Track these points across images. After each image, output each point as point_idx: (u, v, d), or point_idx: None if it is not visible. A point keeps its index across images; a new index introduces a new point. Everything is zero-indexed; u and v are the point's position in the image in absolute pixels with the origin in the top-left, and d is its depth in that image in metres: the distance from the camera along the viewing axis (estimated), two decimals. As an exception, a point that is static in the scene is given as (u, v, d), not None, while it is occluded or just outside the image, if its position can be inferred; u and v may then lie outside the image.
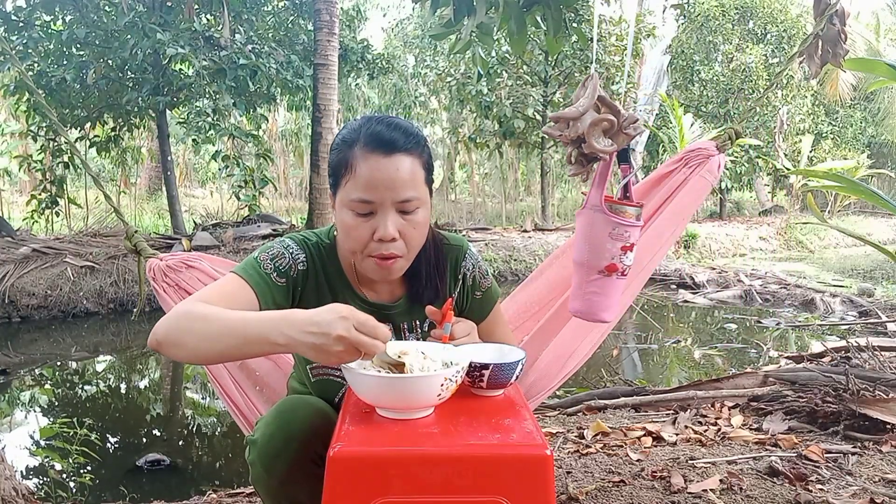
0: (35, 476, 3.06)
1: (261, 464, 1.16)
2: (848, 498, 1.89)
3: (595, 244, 1.41)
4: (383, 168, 1.19)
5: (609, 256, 1.39)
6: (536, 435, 1.01)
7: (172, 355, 1.15)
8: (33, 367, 5.08)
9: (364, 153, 1.20)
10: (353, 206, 1.21)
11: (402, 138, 1.21)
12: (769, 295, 7.10)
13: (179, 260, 1.82)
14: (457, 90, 11.38)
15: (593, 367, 4.12)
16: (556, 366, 1.77)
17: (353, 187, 1.20)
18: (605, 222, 1.39)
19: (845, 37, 1.82)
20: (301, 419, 1.17)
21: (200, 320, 1.11)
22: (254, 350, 1.11)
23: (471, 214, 15.24)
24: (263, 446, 1.15)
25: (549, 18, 2.41)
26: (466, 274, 1.42)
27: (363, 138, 1.21)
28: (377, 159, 1.19)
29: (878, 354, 3.18)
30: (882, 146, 17.17)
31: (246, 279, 1.24)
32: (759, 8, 13.12)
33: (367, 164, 1.19)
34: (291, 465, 1.15)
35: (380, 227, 1.20)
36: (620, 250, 1.39)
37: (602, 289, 1.42)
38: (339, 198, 1.24)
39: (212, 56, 7.89)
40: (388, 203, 1.20)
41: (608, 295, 1.43)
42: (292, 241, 1.33)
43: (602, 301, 1.44)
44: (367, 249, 1.23)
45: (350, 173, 1.20)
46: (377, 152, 1.19)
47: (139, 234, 1.94)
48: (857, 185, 1.81)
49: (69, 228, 9.53)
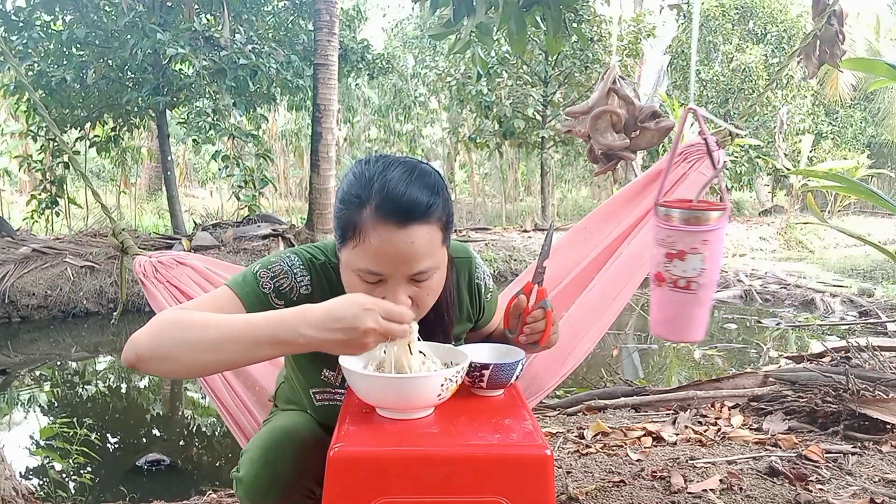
0: (35, 476, 3.06)
1: (249, 502, 1.11)
2: (848, 498, 1.89)
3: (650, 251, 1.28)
4: (397, 241, 1.04)
5: (655, 263, 1.25)
6: (536, 435, 1.01)
7: (156, 371, 1.01)
8: (33, 367, 5.08)
9: (376, 221, 1.04)
10: (360, 274, 1.09)
11: (420, 204, 1.05)
12: (769, 295, 7.10)
13: (170, 257, 1.80)
14: (457, 90, 11.38)
15: (593, 367, 4.12)
16: (556, 364, 1.77)
17: (360, 255, 1.07)
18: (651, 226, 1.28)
19: (843, 37, 1.82)
20: (288, 457, 1.11)
21: (194, 328, 1.00)
22: (265, 355, 1.00)
23: (471, 214, 15.24)
24: (250, 485, 1.10)
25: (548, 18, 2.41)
26: (481, 285, 1.36)
27: (376, 200, 1.05)
28: (390, 231, 1.04)
29: (878, 354, 3.17)
30: (882, 146, 17.17)
31: (240, 296, 1.14)
32: (759, 8, 13.12)
33: (379, 235, 1.04)
34: (281, 501, 1.10)
35: (389, 298, 1.07)
36: (665, 258, 1.23)
37: (657, 301, 1.28)
38: (345, 258, 1.11)
39: (212, 56, 7.89)
40: (399, 275, 1.08)
41: (661, 308, 1.27)
42: (298, 259, 1.21)
43: (657, 315, 1.29)
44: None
45: (358, 239, 1.06)
46: (391, 222, 1.04)
47: (132, 233, 1.94)
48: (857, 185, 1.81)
49: (69, 228, 9.54)
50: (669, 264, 1.22)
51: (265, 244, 7.73)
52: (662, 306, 1.26)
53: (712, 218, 1.21)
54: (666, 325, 1.27)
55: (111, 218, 2.02)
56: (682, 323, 1.26)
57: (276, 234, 7.98)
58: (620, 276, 1.78)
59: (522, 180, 18.07)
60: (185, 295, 1.77)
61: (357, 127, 17.24)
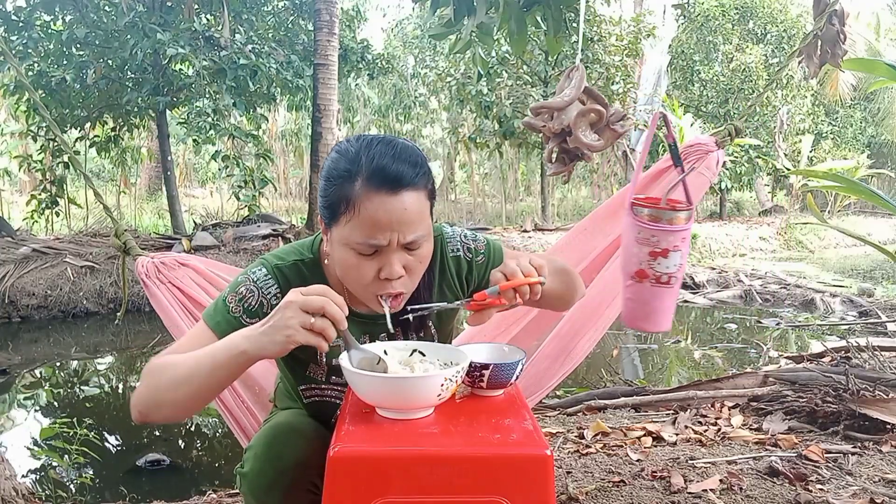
0: (35, 476, 3.06)
1: (253, 497, 1.12)
2: (848, 498, 1.89)
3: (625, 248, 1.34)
4: (390, 208, 1.09)
5: (636, 262, 1.31)
6: (536, 435, 1.01)
7: (159, 419, 1.10)
8: (33, 367, 5.08)
9: (367, 191, 1.09)
10: (356, 248, 1.12)
11: (408, 171, 1.10)
12: (769, 295, 7.10)
13: (172, 258, 1.81)
14: (457, 90, 11.38)
15: (593, 367, 4.12)
16: (557, 363, 1.77)
17: (355, 228, 1.10)
18: (631, 225, 1.31)
19: (844, 37, 1.82)
20: (291, 451, 1.12)
21: (168, 369, 1.07)
22: (225, 376, 1.06)
23: (471, 214, 15.24)
24: (253, 480, 1.11)
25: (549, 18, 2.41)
26: (458, 256, 1.33)
27: (366, 172, 1.09)
28: (383, 199, 1.08)
29: (878, 354, 3.17)
30: (882, 146, 17.17)
31: (211, 326, 1.18)
32: (759, 8, 13.11)
33: (373, 204, 1.08)
34: (285, 498, 1.11)
35: (385, 268, 1.12)
36: (649, 255, 1.29)
37: (636, 295, 1.33)
38: (338, 235, 1.13)
39: (212, 56, 7.89)
40: (394, 244, 1.11)
41: (644, 302, 1.33)
42: (263, 269, 1.23)
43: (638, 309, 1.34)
44: (370, 287, 1.15)
45: (351, 212, 1.10)
46: (382, 190, 1.08)
47: (132, 233, 1.94)
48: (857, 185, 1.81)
49: (69, 228, 9.53)
50: (654, 262, 1.29)
51: (265, 244, 7.73)
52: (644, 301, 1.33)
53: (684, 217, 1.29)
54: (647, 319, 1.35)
55: (114, 219, 2.03)
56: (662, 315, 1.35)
57: (276, 234, 7.98)
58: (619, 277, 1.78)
59: (522, 180, 18.07)
60: (186, 296, 1.78)
61: (357, 127, 17.24)
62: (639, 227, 1.28)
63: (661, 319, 1.35)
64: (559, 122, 1.30)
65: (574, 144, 1.30)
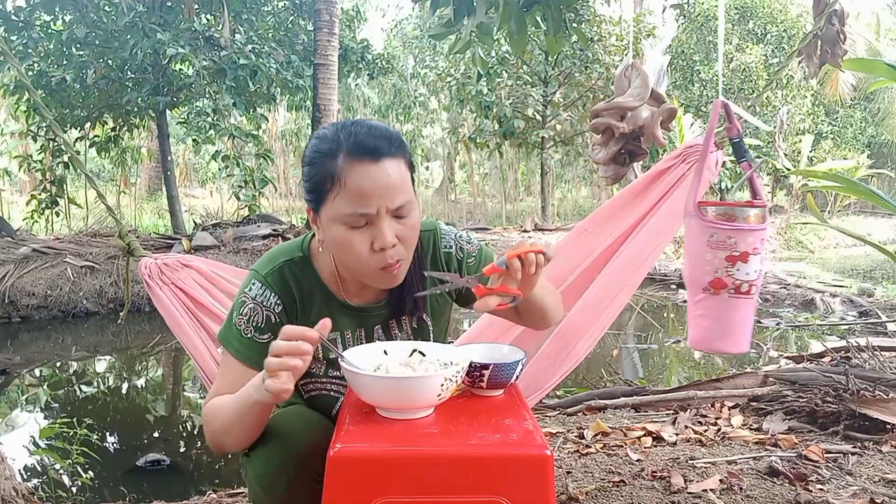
0: (35, 476, 3.06)
1: (258, 484, 1.13)
2: (848, 498, 1.89)
3: (694, 257, 1.18)
4: (374, 176, 1.12)
5: (711, 270, 1.15)
6: (536, 435, 1.01)
7: (229, 451, 1.19)
8: (33, 367, 5.08)
9: (350, 163, 1.12)
10: (346, 221, 1.14)
11: (385, 143, 1.15)
12: (769, 295, 7.10)
13: (175, 259, 1.82)
14: (457, 90, 11.38)
15: (593, 367, 4.12)
16: (556, 363, 1.77)
17: (344, 201, 1.13)
18: (701, 229, 1.17)
19: (844, 37, 1.82)
20: (298, 438, 1.14)
21: (216, 416, 1.17)
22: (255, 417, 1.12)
23: (471, 214, 15.24)
24: (260, 467, 1.13)
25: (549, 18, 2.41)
26: (450, 251, 1.35)
27: (346, 147, 1.13)
28: (366, 167, 1.12)
29: (878, 354, 3.17)
30: (882, 146, 17.18)
31: (233, 354, 1.23)
32: (759, 8, 13.12)
33: (357, 174, 1.12)
34: (290, 485, 1.12)
35: (378, 237, 1.14)
36: (725, 261, 1.14)
37: (710, 311, 1.16)
38: (327, 214, 1.16)
39: (212, 56, 7.89)
40: (383, 211, 1.14)
41: (719, 318, 1.16)
42: (259, 285, 1.25)
43: (713, 326, 1.16)
44: (368, 261, 1.16)
45: (338, 186, 1.13)
46: (365, 160, 1.12)
47: (132, 233, 1.95)
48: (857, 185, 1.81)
49: (69, 228, 9.53)
50: (732, 268, 1.13)
51: (265, 244, 7.72)
52: (721, 317, 1.15)
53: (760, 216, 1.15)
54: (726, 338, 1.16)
55: (117, 220, 2.03)
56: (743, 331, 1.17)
57: (276, 234, 7.98)
58: (620, 276, 1.78)
59: (522, 180, 18.08)
60: (189, 297, 1.80)
61: (357, 127, 17.19)
62: (712, 229, 1.13)
63: (741, 337, 1.17)
64: (633, 122, 1.23)
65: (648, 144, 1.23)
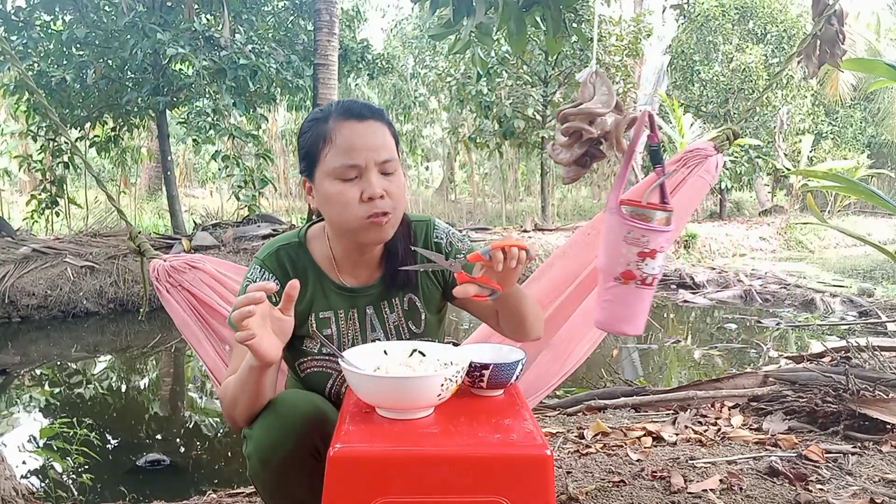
0: (35, 476, 3.06)
1: (257, 457, 1.17)
2: (848, 498, 1.89)
3: (610, 249, 1.31)
4: (361, 132, 1.25)
5: (624, 262, 1.29)
6: (536, 435, 1.01)
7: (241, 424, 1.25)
8: (33, 367, 5.08)
9: (340, 122, 1.26)
10: (338, 174, 1.25)
11: (369, 110, 1.28)
12: (769, 295, 7.10)
13: (183, 261, 1.83)
14: (457, 90, 11.37)
15: (593, 367, 4.12)
16: (556, 364, 1.77)
17: (335, 156, 1.25)
18: (620, 226, 1.29)
19: (843, 37, 1.82)
20: (298, 412, 1.18)
21: (227, 393, 1.24)
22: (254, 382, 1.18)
23: (471, 214, 15.23)
24: (260, 439, 1.16)
25: (548, 18, 2.41)
26: (440, 242, 1.43)
27: (335, 112, 1.28)
28: (353, 125, 1.26)
29: (878, 354, 3.17)
30: (882, 146, 17.18)
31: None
32: (759, 8, 13.11)
33: (345, 130, 1.25)
34: (288, 457, 1.15)
35: (367, 188, 1.24)
36: (637, 256, 1.28)
37: (619, 297, 1.32)
38: (321, 171, 1.27)
39: (212, 56, 7.89)
40: (371, 164, 1.25)
41: (627, 304, 1.32)
42: (259, 268, 1.36)
43: (619, 311, 1.33)
44: (357, 211, 1.25)
45: (329, 143, 1.25)
46: (352, 119, 1.26)
47: (142, 234, 1.95)
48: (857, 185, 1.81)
49: (69, 228, 9.53)
50: (642, 263, 1.28)
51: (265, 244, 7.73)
52: (626, 303, 1.31)
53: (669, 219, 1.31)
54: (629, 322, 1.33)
55: (128, 222, 2.05)
56: (642, 317, 1.35)
57: (275, 234, 7.97)
58: None
59: (522, 180, 18.07)
60: (196, 299, 1.82)
61: (357, 127, 17.20)
62: (629, 226, 1.28)
63: (640, 322, 1.35)
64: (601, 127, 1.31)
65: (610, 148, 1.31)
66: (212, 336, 1.82)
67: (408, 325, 1.39)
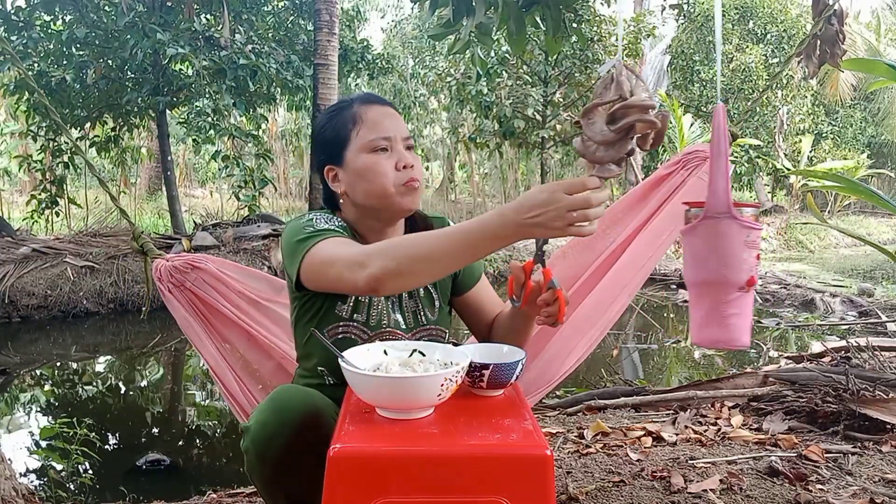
0: (35, 476, 3.06)
1: (254, 450, 1.17)
2: (848, 498, 1.89)
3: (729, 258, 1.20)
4: (385, 112, 1.40)
5: (747, 269, 1.19)
6: (536, 435, 1.01)
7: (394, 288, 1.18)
8: (33, 367, 5.08)
9: (365, 106, 1.40)
10: (372, 146, 1.36)
11: (385, 100, 1.45)
12: (769, 295, 7.10)
13: (185, 261, 1.83)
14: (457, 90, 11.36)
15: (593, 367, 4.12)
16: (556, 363, 1.77)
17: (367, 132, 1.37)
18: (740, 230, 1.19)
19: (843, 37, 1.82)
20: (295, 406, 1.18)
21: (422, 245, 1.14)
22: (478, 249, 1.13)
23: (471, 214, 15.23)
24: (257, 432, 1.16)
25: (548, 18, 2.41)
26: None
27: (357, 101, 1.42)
28: (377, 108, 1.40)
29: (878, 354, 3.17)
30: (882, 146, 17.18)
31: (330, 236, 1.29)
32: (759, 8, 13.12)
33: (372, 110, 1.39)
34: (285, 451, 1.15)
35: (400, 157, 1.37)
36: (755, 259, 1.20)
37: (742, 308, 1.21)
38: (353, 150, 1.37)
39: (212, 56, 7.88)
40: (398, 139, 1.38)
41: (747, 314, 1.22)
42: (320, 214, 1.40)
43: (742, 323, 1.22)
44: (394, 178, 1.35)
45: (360, 122, 1.38)
46: (376, 103, 1.42)
47: (145, 234, 1.95)
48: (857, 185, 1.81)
49: (69, 228, 9.54)
50: (756, 265, 1.20)
51: (265, 244, 7.73)
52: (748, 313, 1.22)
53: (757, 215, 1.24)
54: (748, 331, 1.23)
55: (130, 222, 2.05)
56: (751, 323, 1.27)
57: (276, 234, 7.97)
58: (621, 279, 1.79)
59: (522, 180, 18.06)
60: (198, 298, 1.82)
61: (357, 127, 17.20)
62: (748, 230, 1.18)
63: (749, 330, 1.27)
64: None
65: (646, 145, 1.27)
66: (214, 335, 1.82)
67: (424, 311, 1.45)
